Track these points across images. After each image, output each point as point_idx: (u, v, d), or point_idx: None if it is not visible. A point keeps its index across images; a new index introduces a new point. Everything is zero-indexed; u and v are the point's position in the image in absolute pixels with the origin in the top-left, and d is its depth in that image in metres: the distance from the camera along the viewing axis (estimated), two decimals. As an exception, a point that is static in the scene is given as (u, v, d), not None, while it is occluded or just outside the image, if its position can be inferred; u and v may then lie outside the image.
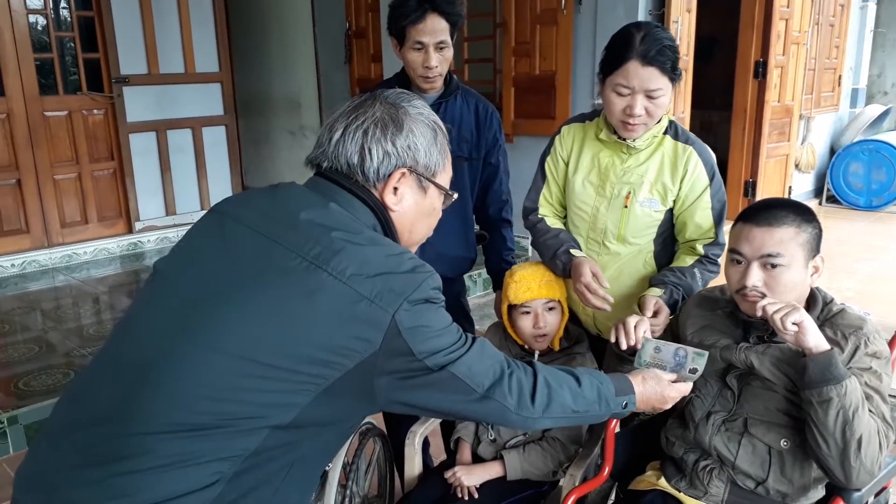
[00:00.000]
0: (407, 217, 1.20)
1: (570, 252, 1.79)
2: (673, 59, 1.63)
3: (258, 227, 1.09)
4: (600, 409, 1.27)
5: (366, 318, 1.01)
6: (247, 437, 0.98)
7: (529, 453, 1.77)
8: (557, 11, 4.44)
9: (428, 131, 1.19)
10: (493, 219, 2.19)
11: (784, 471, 1.46)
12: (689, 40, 4.55)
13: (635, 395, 1.33)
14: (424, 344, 1.05)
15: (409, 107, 1.18)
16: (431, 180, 1.20)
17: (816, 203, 6.60)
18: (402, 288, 1.03)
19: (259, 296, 1.02)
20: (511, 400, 1.15)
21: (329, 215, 1.09)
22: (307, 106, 6.51)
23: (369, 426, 1.92)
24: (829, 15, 6.33)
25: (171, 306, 1.07)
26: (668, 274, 1.75)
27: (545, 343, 1.81)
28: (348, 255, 1.03)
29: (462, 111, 2.06)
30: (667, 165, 1.76)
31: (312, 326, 1.00)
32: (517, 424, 1.20)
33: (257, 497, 1.03)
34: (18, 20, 4.52)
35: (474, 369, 1.11)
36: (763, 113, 5.41)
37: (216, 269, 1.07)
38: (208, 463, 0.97)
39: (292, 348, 1.00)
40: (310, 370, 1.00)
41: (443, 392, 1.09)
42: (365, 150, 1.13)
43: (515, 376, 1.17)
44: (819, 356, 1.33)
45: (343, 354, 1.01)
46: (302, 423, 1.02)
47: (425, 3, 1.88)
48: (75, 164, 4.94)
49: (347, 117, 1.16)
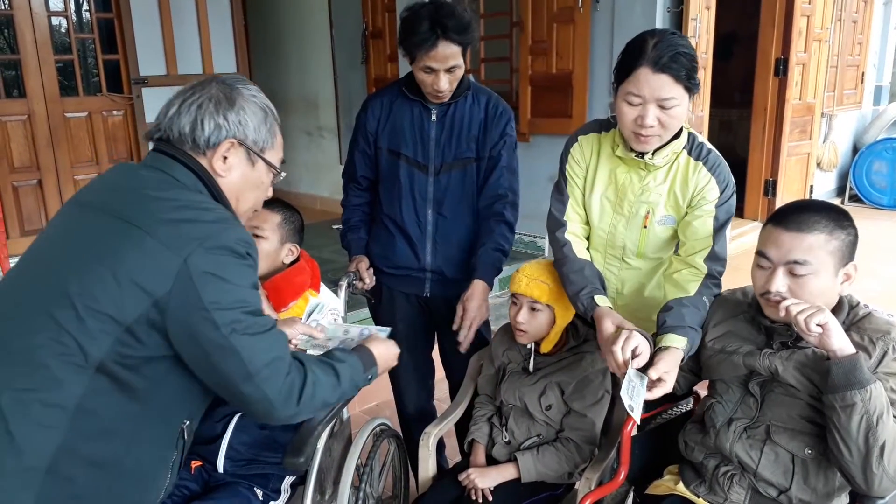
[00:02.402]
0: (235, 185, 1.30)
1: (593, 298, 1.66)
2: (688, 67, 1.54)
3: (86, 200, 1.24)
4: (350, 390, 1.38)
5: (160, 261, 1.09)
6: (68, 380, 1.06)
7: (544, 455, 1.75)
8: (574, 10, 4.41)
9: (259, 111, 1.31)
10: (484, 214, 2.07)
11: (808, 479, 1.43)
12: (709, 37, 4.50)
13: (377, 367, 1.46)
14: (216, 294, 1.11)
15: (244, 88, 1.31)
16: (260, 155, 1.32)
17: (839, 202, 6.51)
18: (202, 235, 1.12)
19: (79, 249, 1.15)
20: (279, 398, 1.19)
21: (144, 180, 1.22)
22: (324, 107, 6.53)
23: (384, 427, 1.91)
24: (852, 11, 6.24)
25: (16, 277, 1.21)
26: (685, 311, 1.59)
27: (525, 339, 1.80)
28: (152, 207, 1.14)
29: (472, 111, 2.03)
30: (679, 180, 1.70)
31: (116, 270, 1.09)
32: (276, 420, 1.24)
33: (109, 455, 1.10)
34: (40, 22, 4.56)
35: (259, 353, 1.15)
36: (784, 111, 5.34)
37: (51, 240, 1.23)
38: (44, 409, 1.05)
39: (96, 289, 1.08)
40: (109, 310, 1.08)
41: (221, 359, 1.14)
42: (198, 121, 1.25)
43: (289, 377, 1.21)
44: (843, 360, 1.30)
45: (138, 296, 1.09)
46: (115, 363, 1.09)
47: (437, 29, 1.81)
48: (95, 165, 4.98)
49: (184, 94, 1.28)
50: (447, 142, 2.02)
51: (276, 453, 1.69)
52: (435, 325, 2.25)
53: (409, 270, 2.12)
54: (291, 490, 1.74)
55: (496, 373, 1.93)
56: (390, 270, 2.15)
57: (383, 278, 2.16)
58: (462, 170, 2.04)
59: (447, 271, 2.11)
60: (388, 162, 2.07)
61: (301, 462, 1.50)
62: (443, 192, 2.05)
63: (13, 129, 4.58)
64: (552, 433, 1.81)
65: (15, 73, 4.85)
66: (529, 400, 1.80)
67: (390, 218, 2.11)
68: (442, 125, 2.02)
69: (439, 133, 2.02)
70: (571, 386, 1.77)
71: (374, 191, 2.18)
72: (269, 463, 1.70)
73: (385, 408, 3.11)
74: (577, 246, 1.79)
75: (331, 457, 1.79)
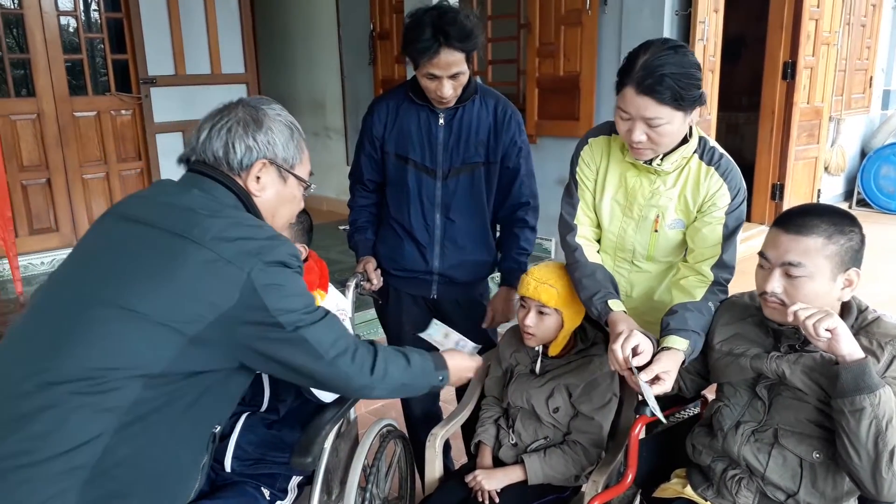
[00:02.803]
0: (270, 202, 1.37)
1: (606, 303, 1.67)
2: (674, 89, 1.50)
3: (132, 215, 1.26)
4: (422, 382, 1.50)
5: (224, 275, 1.16)
6: (123, 388, 1.10)
7: (550, 457, 1.75)
8: (582, 12, 4.42)
9: (285, 129, 1.37)
10: (507, 219, 2.15)
11: (816, 483, 1.42)
12: (717, 41, 4.49)
13: (448, 371, 1.55)
14: (278, 302, 1.20)
15: (268, 109, 1.37)
16: (290, 171, 1.38)
17: (847, 206, 6.49)
18: (259, 250, 1.19)
19: (132, 262, 1.19)
20: (353, 368, 1.32)
21: (190, 199, 1.26)
22: (331, 107, 6.54)
23: (390, 428, 1.91)
24: (861, 15, 6.22)
25: (63, 288, 1.23)
26: (688, 315, 1.59)
27: (533, 342, 1.80)
28: (208, 225, 1.19)
29: (479, 115, 2.02)
30: (690, 185, 1.69)
31: (177, 283, 1.15)
32: (357, 391, 1.37)
33: (149, 455, 1.14)
34: (49, 21, 4.59)
35: (323, 337, 1.27)
36: (792, 114, 5.33)
37: (99, 252, 1.24)
38: (94, 414, 1.08)
39: (160, 302, 1.13)
40: (174, 322, 1.13)
41: (294, 351, 1.25)
42: (229, 144, 1.31)
43: (360, 351, 1.34)
44: (852, 364, 1.30)
45: (204, 308, 1.15)
46: (174, 372, 1.14)
47: (439, 36, 1.80)
48: (103, 164, 5.01)
49: (213, 119, 1.34)
50: (455, 146, 2.02)
51: (283, 453, 1.69)
52: (442, 327, 2.26)
53: (417, 273, 2.13)
54: (298, 490, 1.74)
55: (503, 374, 1.93)
56: (398, 272, 2.15)
57: (390, 280, 2.17)
58: (470, 174, 2.04)
59: (455, 274, 2.12)
60: (395, 166, 2.07)
61: (309, 462, 1.51)
62: (451, 196, 2.05)
63: (22, 128, 4.61)
64: (559, 436, 1.80)
65: (24, 73, 4.88)
66: (537, 402, 1.80)
67: (398, 222, 2.11)
68: (450, 129, 2.02)
69: (447, 137, 2.02)
70: (579, 389, 1.77)
71: (381, 192, 2.18)
72: (277, 463, 1.70)
73: (391, 409, 3.11)
74: (588, 250, 1.79)
75: (337, 457, 1.80)
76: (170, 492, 1.23)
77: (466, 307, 2.20)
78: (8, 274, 4.27)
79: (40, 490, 1.04)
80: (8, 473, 1.04)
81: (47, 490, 1.04)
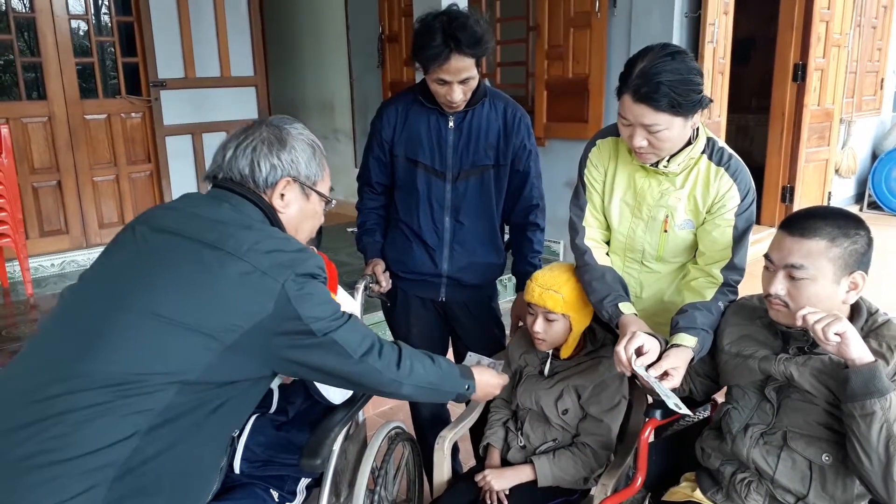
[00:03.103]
0: (294, 218, 1.43)
1: (617, 306, 1.68)
2: (671, 97, 1.50)
3: (164, 226, 1.29)
4: (449, 385, 1.53)
5: (260, 287, 1.21)
6: (158, 392, 1.13)
7: (560, 459, 1.75)
8: (591, 14, 4.41)
9: (308, 147, 1.43)
10: (519, 223, 2.17)
11: (825, 486, 1.42)
12: (726, 42, 4.48)
13: (475, 381, 1.58)
14: (311, 310, 1.25)
15: (291, 128, 1.43)
16: (313, 188, 1.44)
17: (857, 209, 6.45)
18: (291, 262, 1.24)
19: (168, 271, 1.21)
20: (381, 364, 1.38)
21: (222, 213, 1.31)
22: (340, 110, 6.56)
23: (399, 430, 1.92)
24: (872, 17, 6.19)
25: (94, 293, 1.24)
26: (697, 314, 1.61)
27: (545, 346, 1.81)
28: (242, 237, 1.24)
29: (489, 118, 2.03)
30: (700, 186, 1.69)
31: (214, 293, 1.19)
32: (387, 385, 1.41)
33: (174, 454, 1.16)
34: (61, 25, 4.62)
35: (351, 338, 1.33)
36: (802, 117, 5.30)
37: (132, 260, 1.27)
38: (125, 416, 1.11)
39: (198, 311, 1.17)
40: (212, 330, 1.17)
41: (326, 354, 1.30)
42: (255, 163, 1.37)
43: (385, 348, 1.40)
44: (862, 367, 1.29)
45: (241, 317, 1.19)
46: (208, 380, 1.18)
47: (450, 42, 1.80)
48: (113, 167, 5.04)
49: (238, 138, 1.40)
50: (465, 149, 2.02)
51: (292, 455, 1.70)
52: (450, 329, 2.26)
53: (425, 275, 2.13)
54: (307, 492, 1.75)
55: (512, 376, 1.93)
56: (406, 275, 2.15)
57: (399, 282, 2.17)
58: (479, 176, 2.05)
59: (463, 277, 2.12)
60: (404, 169, 2.07)
61: (318, 464, 1.51)
62: (460, 198, 2.06)
63: (34, 131, 4.64)
64: (568, 438, 1.80)
65: (35, 76, 4.91)
66: (546, 404, 1.79)
67: (407, 224, 2.11)
68: (460, 132, 2.02)
69: (457, 140, 2.02)
70: (588, 390, 1.77)
71: (389, 195, 2.19)
72: (285, 464, 1.70)
73: (398, 411, 3.11)
74: (597, 252, 1.80)
75: (346, 459, 1.80)
76: (192, 492, 1.26)
77: (475, 309, 2.20)
78: (19, 276, 4.30)
79: (70, 486, 1.06)
80: (38, 469, 1.06)
81: (77, 486, 1.07)
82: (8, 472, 1.07)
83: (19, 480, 1.06)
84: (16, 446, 1.08)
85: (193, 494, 1.27)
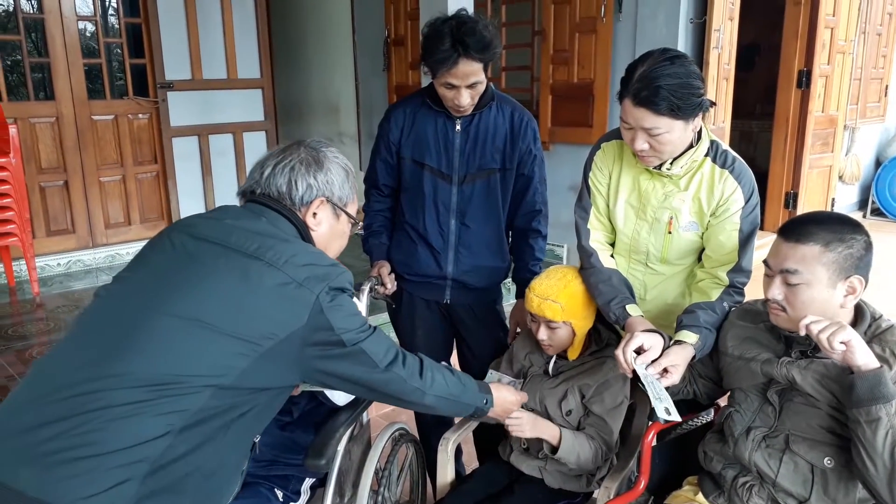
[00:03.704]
0: (324, 236, 1.50)
1: (624, 308, 1.71)
2: (670, 101, 1.52)
3: (203, 235, 1.33)
4: (468, 398, 1.58)
5: (296, 297, 1.26)
6: (194, 394, 1.17)
7: (578, 437, 1.74)
8: (597, 19, 4.43)
9: (342, 171, 1.50)
10: (521, 228, 2.17)
11: (828, 490, 1.42)
12: (731, 48, 4.49)
13: (493, 397, 1.63)
14: (342, 321, 1.31)
15: (328, 151, 1.50)
16: (344, 210, 1.51)
17: (861, 216, 6.44)
18: (325, 276, 1.30)
19: (209, 277, 1.26)
20: (405, 373, 1.43)
21: (260, 225, 1.37)
22: (345, 112, 6.58)
23: (402, 432, 1.92)
24: (877, 24, 6.19)
25: (133, 294, 1.29)
26: (701, 313, 1.65)
27: (552, 351, 1.83)
28: (281, 250, 1.29)
29: (496, 122, 2.04)
30: (704, 188, 1.70)
31: (253, 301, 1.24)
32: (411, 394, 1.45)
33: (202, 454, 1.20)
34: (69, 26, 4.65)
35: (377, 348, 1.38)
36: (806, 123, 5.30)
37: (171, 265, 1.31)
38: (161, 415, 1.14)
39: (237, 317, 1.22)
40: (249, 337, 1.21)
41: (353, 364, 1.35)
42: (292, 182, 1.44)
43: (408, 358, 1.45)
44: (868, 373, 1.30)
45: (277, 326, 1.24)
46: (241, 386, 1.22)
47: (458, 46, 1.81)
48: (120, 167, 5.06)
49: (277, 157, 1.47)
50: (472, 152, 2.03)
51: (296, 455, 1.71)
52: (454, 332, 2.27)
53: (430, 278, 2.14)
54: (311, 492, 1.76)
55: (517, 376, 1.94)
56: (411, 277, 2.16)
57: (404, 284, 2.18)
58: (486, 180, 2.06)
59: (468, 279, 2.13)
60: (411, 172, 2.09)
61: (322, 464, 1.52)
62: (466, 201, 2.07)
63: (41, 131, 4.67)
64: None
65: (43, 76, 4.94)
66: (550, 404, 1.80)
67: (413, 227, 2.12)
68: (467, 135, 2.03)
69: (464, 143, 2.03)
70: (592, 389, 1.77)
71: (395, 197, 2.20)
72: (290, 464, 1.72)
73: (402, 413, 3.11)
74: (603, 254, 1.82)
75: (350, 460, 1.81)
76: (216, 492, 1.29)
77: (479, 312, 2.21)
78: (25, 275, 4.32)
79: (103, 479, 1.09)
80: (73, 462, 1.09)
81: (110, 479, 1.09)
82: (39, 464, 1.10)
83: (52, 472, 1.09)
84: (49, 439, 1.11)
85: (217, 495, 1.30)
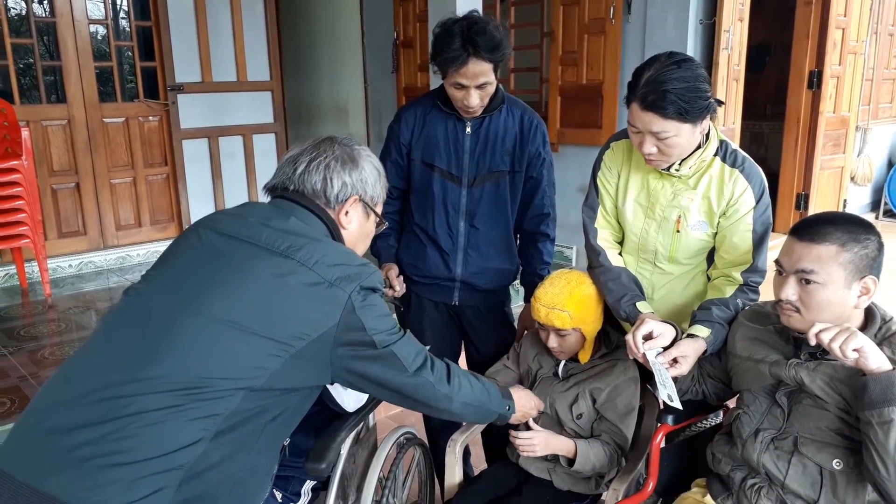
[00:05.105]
0: (353, 235, 1.49)
1: (635, 305, 1.73)
2: (678, 104, 1.52)
3: (231, 232, 1.32)
4: (491, 404, 1.58)
5: (328, 297, 1.25)
6: (226, 397, 1.15)
7: (593, 445, 1.75)
8: (606, 21, 4.42)
9: (374, 170, 1.50)
10: (530, 231, 2.17)
11: (837, 493, 1.41)
12: (741, 49, 4.47)
13: (514, 402, 1.64)
14: (374, 322, 1.30)
15: (361, 150, 1.49)
16: (373, 209, 1.51)
17: (873, 217, 6.39)
18: (356, 275, 1.28)
19: (239, 276, 1.24)
20: (434, 377, 1.42)
21: (291, 224, 1.34)
22: (354, 114, 6.59)
23: (409, 436, 1.92)
24: (889, 24, 6.15)
25: (162, 294, 1.27)
26: (714, 308, 1.66)
27: (564, 356, 1.84)
28: (312, 249, 1.27)
29: (506, 124, 2.04)
30: (714, 188, 1.70)
31: (285, 302, 1.22)
32: (439, 400, 1.44)
33: (235, 461, 1.19)
34: (80, 29, 4.68)
35: (407, 351, 1.37)
36: (817, 124, 5.27)
37: (201, 263, 1.29)
38: (194, 420, 1.12)
39: (268, 318, 1.20)
40: (281, 337, 1.20)
41: (384, 367, 1.34)
42: (328, 179, 1.41)
43: (437, 363, 1.45)
44: (881, 376, 1.29)
45: (309, 326, 1.23)
46: (273, 387, 1.20)
47: (468, 46, 1.82)
48: (131, 169, 5.09)
49: (310, 154, 1.44)
50: (482, 154, 2.04)
51: (297, 457, 1.70)
52: (462, 333, 2.27)
53: (439, 279, 2.14)
54: (313, 494, 1.75)
55: (526, 378, 1.93)
56: (420, 279, 2.17)
57: (413, 286, 2.18)
58: (495, 182, 2.06)
59: (477, 281, 2.13)
60: (421, 173, 2.09)
61: (322, 468, 1.51)
62: (475, 203, 2.07)
63: (53, 134, 4.71)
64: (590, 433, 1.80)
65: (55, 79, 4.98)
66: (560, 407, 1.80)
67: (422, 228, 2.13)
68: (477, 137, 2.03)
69: (474, 145, 2.04)
70: (604, 394, 1.77)
71: (405, 200, 2.20)
72: (290, 466, 1.71)
73: (410, 415, 3.12)
74: (611, 253, 1.83)
75: (354, 464, 1.79)
76: (248, 498, 1.28)
77: (487, 314, 2.21)
78: (37, 276, 4.35)
79: (139, 487, 1.07)
80: (108, 469, 1.07)
81: (146, 488, 1.07)
82: (73, 469, 1.07)
83: (86, 478, 1.06)
84: (82, 444, 1.09)
85: (249, 501, 1.29)
